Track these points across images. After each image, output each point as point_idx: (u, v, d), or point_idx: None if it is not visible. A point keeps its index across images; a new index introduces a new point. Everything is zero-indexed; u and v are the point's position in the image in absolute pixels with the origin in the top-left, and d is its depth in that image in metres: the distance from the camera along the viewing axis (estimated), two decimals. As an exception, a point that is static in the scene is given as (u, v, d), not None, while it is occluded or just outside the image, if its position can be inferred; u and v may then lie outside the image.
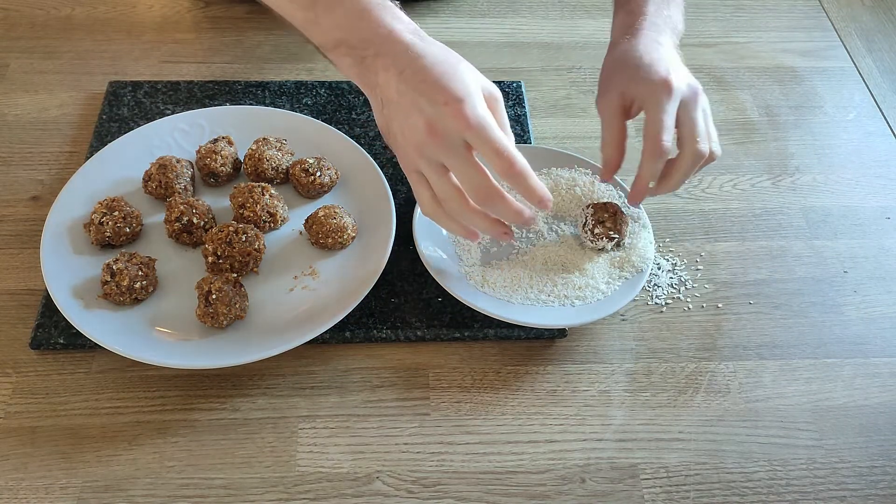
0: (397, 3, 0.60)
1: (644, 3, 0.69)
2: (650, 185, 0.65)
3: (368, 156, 0.76)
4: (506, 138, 0.55)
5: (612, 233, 0.68)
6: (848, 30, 1.02)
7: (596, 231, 0.69)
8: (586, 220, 0.69)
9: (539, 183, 0.57)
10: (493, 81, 0.90)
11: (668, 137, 0.61)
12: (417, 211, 0.71)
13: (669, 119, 0.62)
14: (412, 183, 0.59)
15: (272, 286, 0.68)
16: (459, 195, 0.57)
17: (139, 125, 0.80)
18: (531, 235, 0.73)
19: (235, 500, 0.59)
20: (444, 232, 0.71)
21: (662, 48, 0.66)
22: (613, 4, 0.74)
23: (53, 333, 0.65)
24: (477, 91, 0.55)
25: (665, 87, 0.62)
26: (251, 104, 0.84)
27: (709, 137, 0.64)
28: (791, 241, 0.78)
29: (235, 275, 0.66)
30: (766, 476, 0.62)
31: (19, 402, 0.63)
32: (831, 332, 0.72)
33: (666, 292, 0.73)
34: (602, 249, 0.70)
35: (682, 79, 0.63)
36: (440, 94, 0.54)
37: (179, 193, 0.72)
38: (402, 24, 0.58)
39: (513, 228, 0.69)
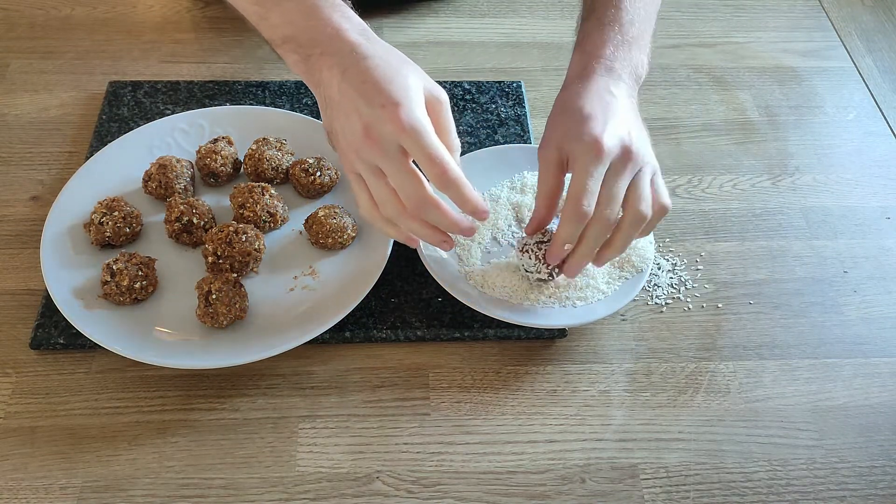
0: (348, 1, 0.60)
1: (601, 45, 0.65)
2: (567, 247, 0.61)
3: (368, 156, 0.76)
4: (440, 145, 0.54)
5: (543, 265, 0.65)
6: (848, 30, 1.02)
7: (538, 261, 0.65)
8: (528, 252, 0.65)
9: (474, 193, 0.56)
10: (493, 81, 0.90)
11: (589, 203, 0.58)
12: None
13: (593, 183, 0.58)
14: (352, 184, 0.59)
15: (272, 286, 0.68)
16: (396, 200, 0.57)
17: (139, 125, 0.80)
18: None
19: (235, 500, 0.59)
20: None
21: (612, 98, 0.62)
22: (574, 40, 0.69)
23: (53, 333, 0.65)
24: (417, 94, 0.55)
25: (594, 148, 0.58)
26: (251, 104, 0.84)
27: (637, 198, 0.60)
28: (791, 241, 0.78)
29: (235, 275, 0.66)
30: (766, 476, 0.62)
31: (19, 402, 0.63)
32: (831, 332, 0.72)
33: (666, 292, 0.73)
34: (540, 280, 0.66)
35: (616, 137, 0.59)
36: (378, 96, 0.54)
37: (179, 193, 0.72)
38: (351, 23, 0.58)
39: (458, 238, 0.68)
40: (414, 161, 0.56)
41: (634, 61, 0.66)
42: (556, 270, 0.65)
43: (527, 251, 0.65)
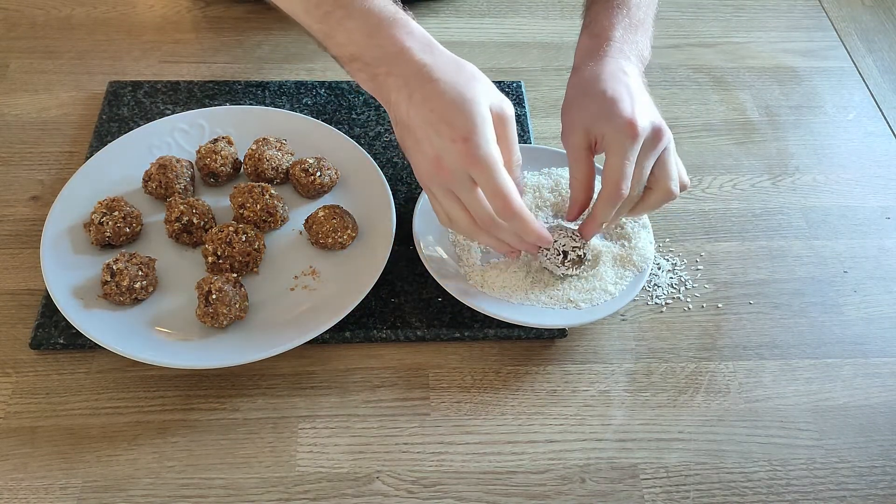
0: (409, 12, 0.59)
1: (610, 28, 0.67)
2: (603, 227, 0.64)
3: (368, 156, 0.76)
4: (506, 179, 0.56)
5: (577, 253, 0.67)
6: (848, 30, 1.02)
7: (568, 259, 0.66)
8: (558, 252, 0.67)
9: (536, 224, 0.59)
10: (494, 82, 0.90)
11: (627, 185, 0.60)
12: (417, 211, 0.71)
13: (630, 166, 0.60)
14: (428, 197, 0.61)
15: (272, 286, 0.68)
16: (469, 218, 0.59)
17: (139, 125, 0.80)
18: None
19: (235, 500, 0.59)
20: (445, 232, 0.71)
21: (628, 78, 0.63)
22: (581, 24, 0.71)
23: (53, 333, 0.65)
24: (484, 123, 0.55)
25: (629, 130, 0.59)
26: (251, 104, 0.84)
27: (667, 176, 0.63)
28: (791, 241, 0.78)
29: (235, 275, 0.65)
30: (766, 476, 0.63)
31: (19, 402, 0.63)
32: (831, 332, 0.72)
33: (666, 292, 0.73)
34: (566, 275, 0.68)
35: (646, 118, 0.61)
36: (448, 129, 0.55)
37: (179, 193, 0.72)
38: (415, 40, 0.57)
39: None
40: None
41: (640, 45, 0.68)
42: (577, 262, 0.67)
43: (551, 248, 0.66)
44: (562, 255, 0.66)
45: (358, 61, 0.59)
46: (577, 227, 0.67)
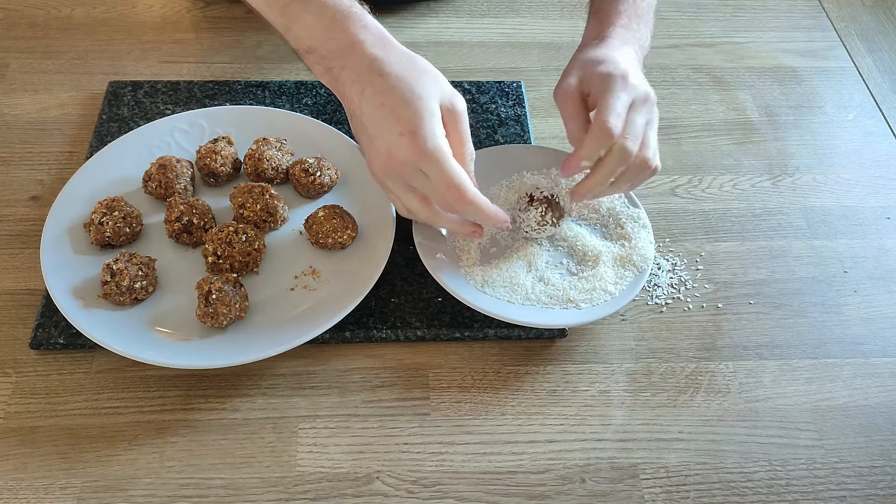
0: (366, 7, 0.60)
1: (616, 16, 0.69)
2: (584, 164, 0.64)
3: (368, 156, 0.76)
4: (456, 169, 0.57)
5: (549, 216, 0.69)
6: (848, 30, 1.02)
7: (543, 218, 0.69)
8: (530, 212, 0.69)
9: (491, 208, 0.60)
10: (493, 81, 0.90)
11: (618, 123, 0.61)
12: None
13: (621, 105, 0.61)
14: (383, 191, 0.62)
15: (272, 286, 0.68)
16: (426, 205, 0.61)
17: (139, 125, 0.80)
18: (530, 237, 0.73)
19: (235, 500, 0.59)
20: (445, 232, 0.71)
21: (628, 56, 0.66)
22: (588, 13, 0.74)
23: (53, 333, 0.65)
24: (432, 117, 0.56)
25: (622, 79, 0.62)
26: (251, 104, 0.84)
27: (647, 145, 0.64)
28: (791, 241, 0.78)
29: (235, 275, 0.66)
30: (766, 476, 0.63)
31: (19, 402, 0.63)
32: (831, 332, 0.72)
33: (666, 292, 0.73)
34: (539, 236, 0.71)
35: (638, 79, 0.63)
36: (397, 123, 0.56)
37: (179, 193, 0.72)
38: (368, 33, 0.58)
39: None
40: None
41: (642, 35, 0.71)
42: (553, 220, 0.69)
43: (532, 207, 0.69)
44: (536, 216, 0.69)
45: (314, 54, 0.60)
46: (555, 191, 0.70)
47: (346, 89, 0.59)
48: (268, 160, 0.73)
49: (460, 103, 0.59)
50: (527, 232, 0.70)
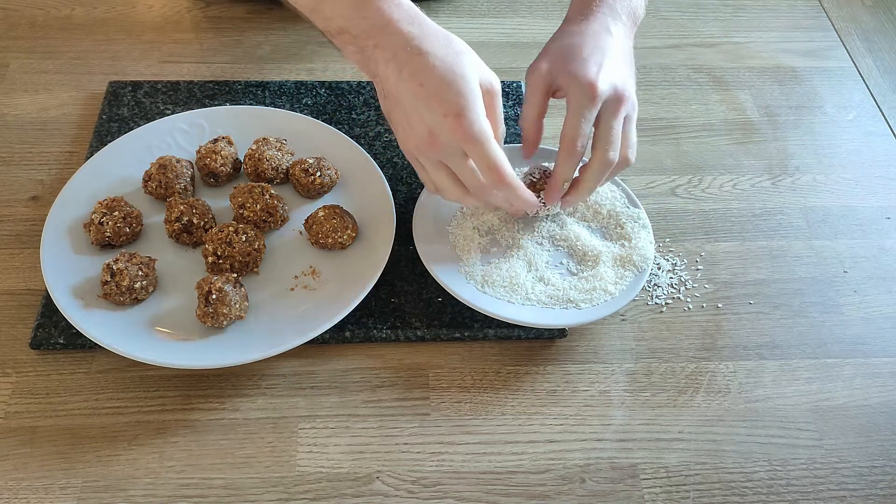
0: None
1: None
2: (565, 185, 0.66)
3: (368, 156, 0.76)
4: (499, 153, 0.58)
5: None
6: (848, 30, 1.02)
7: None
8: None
9: (526, 192, 0.62)
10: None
11: (582, 143, 0.62)
12: (417, 211, 0.71)
13: (586, 125, 0.62)
14: (414, 166, 0.63)
15: (272, 286, 0.68)
16: (457, 184, 0.61)
17: (139, 125, 0.80)
18: (530, 237, 0.73)
19: (235, 500, 0.59)
20: (445, 232, 0.71)
21: (611, 38, 0.65)
22: None
23: (53, 333, 0.65)
24: (476, 99, 0.56)
25: (589, 90, 0.61)
26: (251, 104, 0.84)
27: (626, 144, 0.64)
28: (791, 241, 0.78)
29: (235, 275, 0.65)
30: (766, 476, 0.63)
31: (19, 402, 0.63)
32: (831, 332, 0.72)
33: (666, 292, 0.73)
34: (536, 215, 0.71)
35: (609, 81, 0.62)
36: (439, 105, 0.56)
37: (179, 193, 0.72)
38: (402, 11, 0.58)
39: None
40: None
41: (633, 3, 0.69)
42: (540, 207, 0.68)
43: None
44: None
45: (346, 34, 0.59)
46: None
47: (381, 68, 0.58)
48: (268, 160, 0.73)
49: (497, 83, 0.60)
50: (528, 213, 0.70)
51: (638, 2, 0.70)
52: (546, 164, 0.71)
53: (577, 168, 0.66)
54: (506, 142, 0.82)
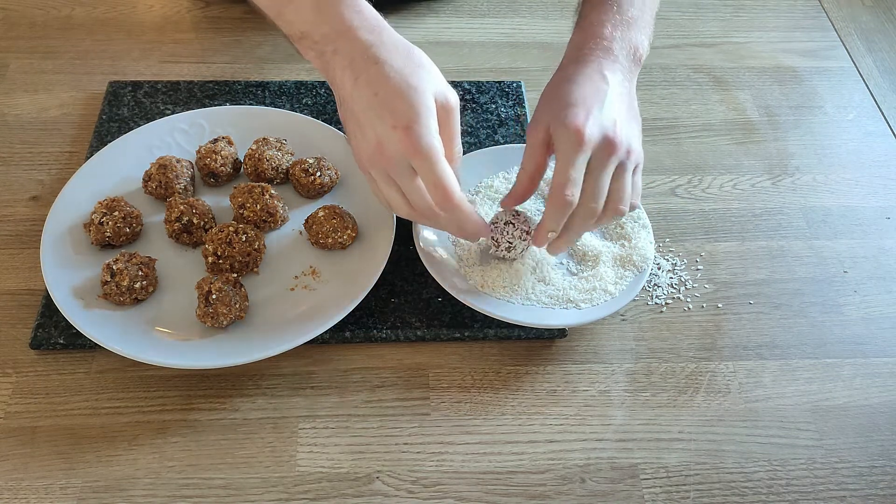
0: None
1: (599, 25, 0.65)
2: (551, 234, 0.62)
3: (368, 156, 0.76)
4: (446, 171, 0.56)
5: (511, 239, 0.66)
6: (848, 30, 1.02)
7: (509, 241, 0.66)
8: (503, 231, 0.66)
9: (474, 216, 0.60)
10: (493, 81, 0.90)
11: (572, 192, 0.58)
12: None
13: (575, 172, 0.58)
14: (367, 179, 0.61)
15: (272, 286, 0.68)
16: (407, 203, 0.59)
17: (139, 125, 0.80)
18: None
19: (235, 500, 0.59)
20: (445, 232, 0.71)
21: (605, 86, 0.61)
22: (575, 18, 0.70)
23: (53, 333, 0.65)
24: (428, 112, 0.55)
25: (575, 137, 0.58)
26: (251, 104, 0.84)
27: (617, 195, 0.61)
28: (791, 241, 0.78)
29: (235, 275, 0.66)
30: (766, 476, 0.63)
31: (19, 402, 0.63)
32: (831, 332, 0.72)
33: (666, 292, 0.73)
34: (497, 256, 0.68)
35: (599, 127, 0.59)
36: (390, 115, 0.55)
37: (179, 193, 0.72)
38: (362, 18, 0.57)
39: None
40: None
41: (633, 42, 0.65)
42: (511, 248, 0.66)
43: (494, 229, 0.66)
44: (501, 244, 0.66)
45: (307, 39, 0.59)
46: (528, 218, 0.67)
47: (338, 75, 0.57)
48: (268, 160, 0.73)
49: (454, 98, 0.58)
50: (496, 250, 0.67)
51: (640, 39, 0.66)
52: (521, 209, 0.67)
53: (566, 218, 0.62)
54: (505, 141, 0.82)
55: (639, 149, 0.62)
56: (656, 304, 0.72)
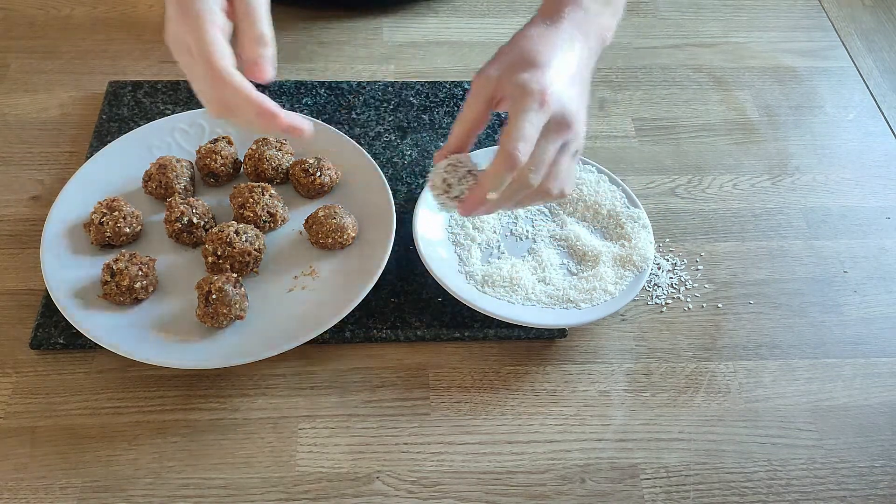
0: None
1: None
2: (490, 197, 0.55)
3: (368, 156, 0.76)
4: (215, 41, 0.51)
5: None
6: (848, 30, 1.02)
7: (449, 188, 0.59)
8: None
9: (254, 93, 0.53)
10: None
11: (524, 149, 0.53)
12: (417, 211, 0.71)
13: (532, 130, 0.53)
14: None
15: (272, 286, 0.68)
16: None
17: (139, 125, 0.80)
18: (531, 237, 0.73)
19: (235, 500, 0.59)
20: (445, 232, 0.71)
21: (572, 56, 0.57)
22: None
23: (53, 333, 0.65)
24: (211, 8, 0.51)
25: (540, 99, 0.53)
26: (251, 104, 0.84)
27: (552, 177, 0.56)
28: (791, 241, 0.78)
29: (235, 275, 0.65)
30: (766, 476, 0.62)
31: (19, 402, 0.63)
32: (831, 332, 0.72)
33: (666, 292, 0.73)
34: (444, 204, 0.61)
35: (559, 101, 0.54)
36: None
37: (179, 193, 0.72)
38: None
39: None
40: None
41: (605, 24, 0.62)
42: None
43: (437, 176, 0.59)
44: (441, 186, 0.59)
45: None
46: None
47: None
48: (268, 160, 0.73)
49: None
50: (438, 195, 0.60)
51: (609, 24, 0.63)
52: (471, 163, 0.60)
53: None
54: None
55: (583, 135, 0.58)
56: (656, 304, 0.72)
